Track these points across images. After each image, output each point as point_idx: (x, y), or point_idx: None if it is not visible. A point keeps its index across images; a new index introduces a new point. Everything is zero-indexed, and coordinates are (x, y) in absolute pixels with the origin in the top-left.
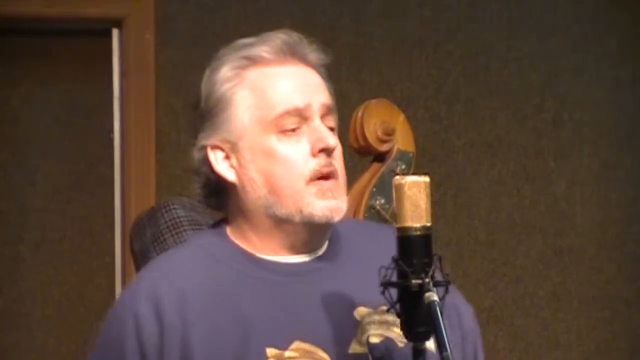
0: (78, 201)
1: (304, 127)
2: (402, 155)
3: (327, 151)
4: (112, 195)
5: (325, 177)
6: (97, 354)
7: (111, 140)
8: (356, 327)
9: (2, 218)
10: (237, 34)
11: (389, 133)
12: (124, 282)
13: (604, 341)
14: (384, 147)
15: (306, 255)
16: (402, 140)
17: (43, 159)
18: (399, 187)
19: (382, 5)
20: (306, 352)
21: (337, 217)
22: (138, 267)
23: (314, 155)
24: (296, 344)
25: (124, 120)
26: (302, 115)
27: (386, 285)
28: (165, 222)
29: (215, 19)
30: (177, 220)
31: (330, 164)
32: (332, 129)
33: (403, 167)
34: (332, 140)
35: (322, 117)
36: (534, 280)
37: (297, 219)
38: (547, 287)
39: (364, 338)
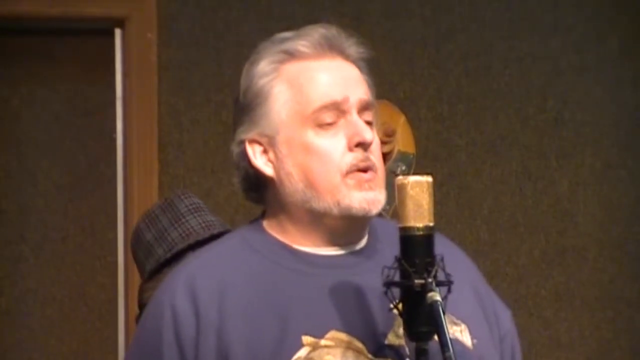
0: (80, 201)
1: (342, 121)
2: (402, 157)
3: (364, 145)
4: (115, 195)
5: (362, 170)
6: (136, 343)
7: (113, 140)
8: (393, 320)
9: (3, 218)
10: (239, 33)
11: (390, 134)
12: (126, 282)
13: (607, 341)
14: (384, 149)
15: (345, 248)
16: (403, 142)
17: (45, 159)
18: (402, 187)
19: (383, 5)
20: (342, 342)
21: (375, 210)
22: (146, 256)
23: (350, 149)
24: (332, 333)
25: (126, 120)
26: (339, 108)
27: (389, 285)
28: (186, 206)
29: (217, 18)
30: (198, 204)
31: (367, 159)
32: (369, 124)
33: (403, 168)
34: (369, 134)
35: (360, 111)
36: (536, 280)
37: (335, 212)
38: (550, 286)
39: (401, 331)
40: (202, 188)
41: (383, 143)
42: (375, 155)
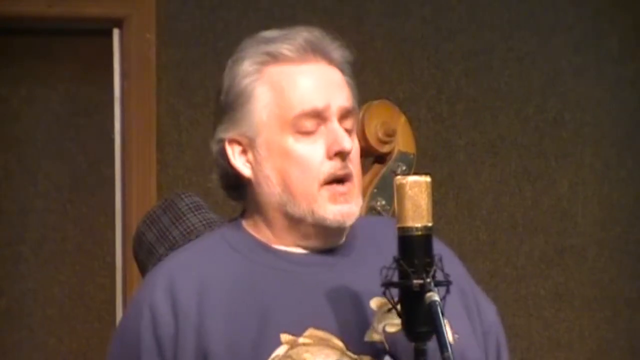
0: (79, 201)
1: (322, 127)
2: (402, 157)
3: (342, 155)
4: (113, 195)
5: (339, 180)
6: (116, 343)
7: (112, 140)
8: (372, 317)
9: (3, 218)
10: (238, 33)
11: (390, 134)
12: (124, 282)
13: (606, 341)
14: (384, 149)
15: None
16: (403, 142)
17: (44, 159)
18: (401, 187)
19: (383, 5)
20: (320, 339)
21: (349, 222)
22: (148, 257)
23: (329, 157)
24: (310, 331)
25: (124, 120)
26: (320, 116)
27: (387, 285)
28: (187, 205)
29: (216, 18)
30: (198, 203)
31: (345, 167)
32: (349, 131)
33: (404, 168)
34: (348, 143)
35: (340, 119)
36: (536, 280)
37: (309, 219)
38: (549, 287)
39: (380, 327)
40: (201, 188)
41: (383, 143)
42: (353, 163)
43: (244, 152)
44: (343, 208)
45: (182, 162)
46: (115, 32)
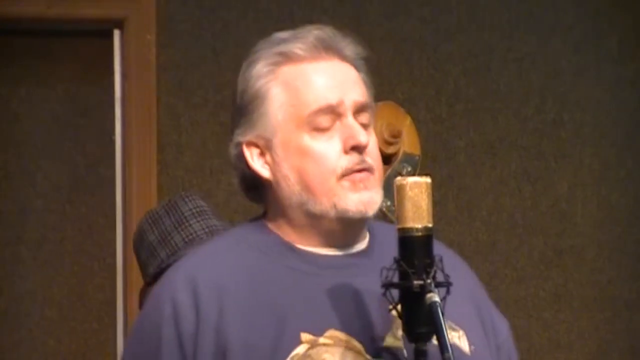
0: (79, 202)
1: (337, 123)
2: (408, 158)
3: (359, 149)
4: (113, 196)
5: (357, 172)
6: (134, 339)
7: (112, 141)
8: (391, 322)
9: (2, 218)
10: (238, 34)
11: (396, 135)
12: (124, 283)
13: (606, 342)
14: (390, 150)
15: (342, 249)
16: (408, 143)
17: (43, 160)
18: (401, 188)
19: (382, 5)
20: (340, 341)
21: (371, 211)
22: (149, 258)
23: (345, 152)
24: (330, 332)
25: (125, 121)
26: (334, 111)
27: (388, 286)
28: (190, 210)
29: (216, 19)
30: (202, 208)
31: (363, 161)
32: (365, 126)
33: (409, 169)
34: (364, 137)
35: (355, 113)
36: (535, 281)
37: (331, 214)
38: (549, 287)
39: (399, 333)
40: (201, 189)
41: (389, 144)
42: (372, 156)
43: (262, 154)
44: (363, 195)
45: (182, 163)
46: (116, 33)
